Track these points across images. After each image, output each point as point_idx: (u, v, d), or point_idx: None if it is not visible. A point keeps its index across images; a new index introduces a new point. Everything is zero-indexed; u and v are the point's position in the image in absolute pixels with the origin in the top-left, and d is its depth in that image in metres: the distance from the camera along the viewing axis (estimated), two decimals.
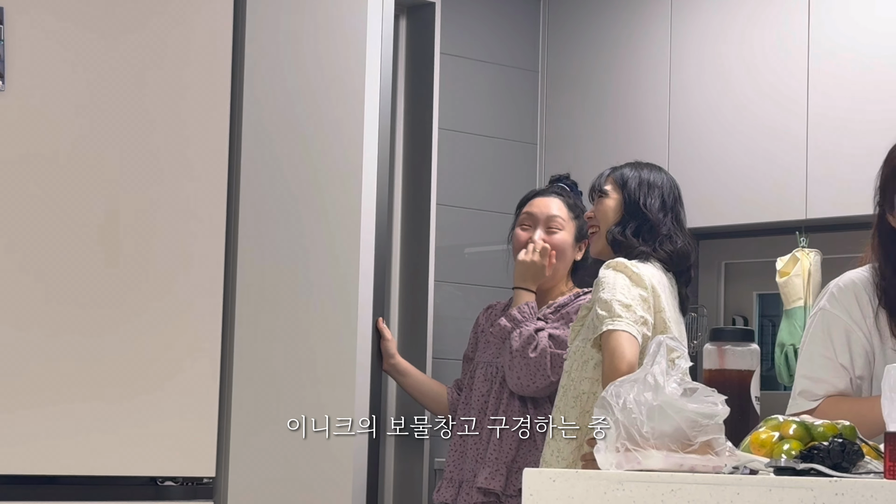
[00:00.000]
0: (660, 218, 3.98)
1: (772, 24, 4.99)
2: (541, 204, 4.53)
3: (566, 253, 4.50)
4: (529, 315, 4.41)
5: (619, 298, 3.71)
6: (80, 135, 3.74)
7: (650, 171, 4.07)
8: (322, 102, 4.11)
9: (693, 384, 2.51)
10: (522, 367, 4.32)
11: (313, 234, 4.08)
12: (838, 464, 2.32)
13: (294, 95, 4.07)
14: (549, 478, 2.50)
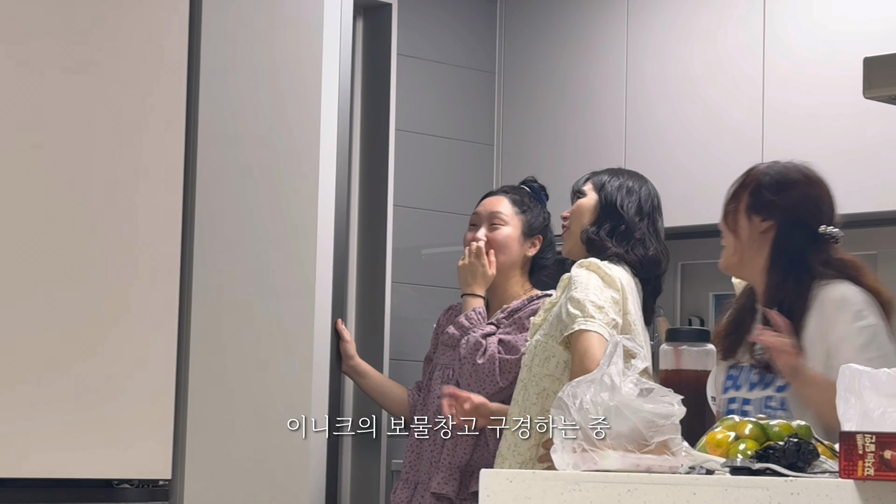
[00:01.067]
0: (635, 222, 3.98)
1: (727, 27, 5.00)
2: (486, 203, 4.54)
3: (510, 247, 4.48)
4: (477, 321, 4.40)
5: (592, 299, 3.72)
6: (34, 145, 3.72)
7: (630, 178, 4.09)
8: (279, 104, 4.10)
9: (649, 384, 2.51)
10: (472, 373, 4.32)
11: (270, 237, 4.07)
12: (794, 463, 2.32)
13: (251, 98, 4.06)
14: (505, 478, 2.50)
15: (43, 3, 3.74)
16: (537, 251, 4.50)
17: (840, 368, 2.37)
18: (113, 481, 3.86)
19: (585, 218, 4.02)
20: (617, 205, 4.00)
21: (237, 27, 4.04)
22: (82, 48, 3.79)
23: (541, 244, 4.49)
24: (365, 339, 5.05)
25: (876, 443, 2.13)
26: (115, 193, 3.81)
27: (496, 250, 4.47)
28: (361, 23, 5.20)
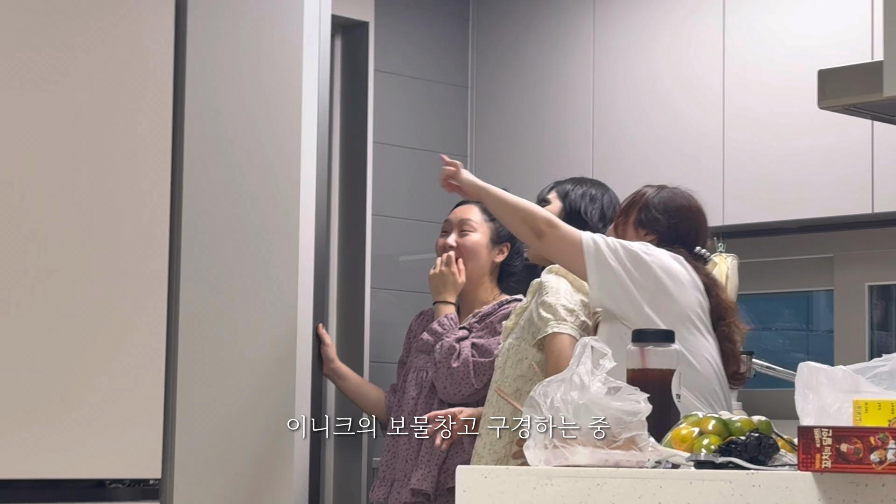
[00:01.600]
0: (598, 228, 4.00)
1: (689, 41, 5.01)
2: (457, 211, 4.56)
3: (478, 253, 4.49)
4: (450, 327, 4.41)
5: (563, 303, 3.73)
6: (27, 159, 3.71)
7: (592, 186, 4.13)
8: (261, 119, 4.10)
9: (616, 383, 2.52)
10: (447, 377, 4.32)
11: (255, 246, 4.07)
12: (755, 457, 2.33)
13: (234, 112, 4.06)
14: (480, 474, 2.50)
15: (29, 11, 3.73)
16: (505, 258, 4.51)
17: (798, 367, 2.38)
18: (104, 481, 3.85)
19: None
20: (581, 211, 4.03)
21: (221, 45, 4.04)
22: (67, 58, 3.78)
23: (509, 251, 4.50)
24: (346, 343, 5.04)
25: (832, 436, 2.14)
26: (105, 203, 3.81)
27: (465, 256, 4.48)
28: (340, 41, 5.20)
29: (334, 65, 5.15)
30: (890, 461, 2.09)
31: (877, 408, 2.17)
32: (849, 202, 4.58)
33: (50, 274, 3.71)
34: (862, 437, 2.11)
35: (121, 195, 3.83)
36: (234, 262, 4.02)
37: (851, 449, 2.12)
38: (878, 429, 2.11)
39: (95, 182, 3.80)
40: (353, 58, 5.17)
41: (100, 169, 3.81)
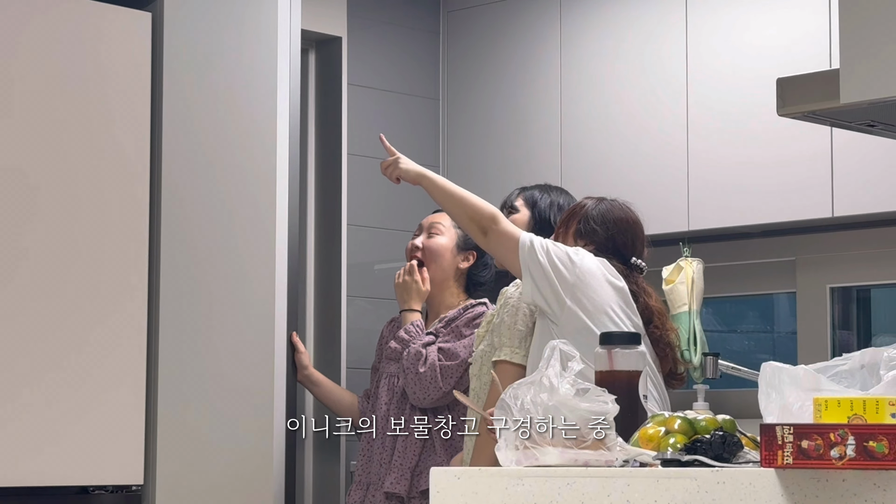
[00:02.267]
0: None
1: (653, 52, 5.02)
2: (430, 216, 4.58)
3: (443, 256, 4.49)
4: (416, 333, 4.41)
5: (519, 327, 3.74)
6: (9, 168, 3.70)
7: (559, 194, 4.15)
8: (237, 132, 4.09)
9: (585, 385, 2.52)
10: (415, 382, 4.32)
11: (232, 256, 4.06)
12: (720, 455, 2.34)
13: (211, 126, 4.05)
14: (454, 476, 2.50)
15: (9, 23, 3.72)
16: (471, 265, 4.51)
17: (762, 366, 2.38)
18: (88, 488, 3.83)
19: None
20: (550, 221, 4.05)
21: (197, 60, 4.03)
22: (44, 68, 3.77)
23: (475, 259, 4.51)
24: (323, 350, 5.04)
25: (794, 433, 2.14)
26: (84, 218, 3.79)
27: (429, 257, 4.48)
28: (314, 55, 5.20)
29: (309, 79, 5.15)
30: (849, 457, 2.09)
31: (836, 405, 2.17)
32: (809, 207, 4.60)
33: (31, 283, 3.69)
34: (822, 433, 2.12)
35: (101, 210, 3.82)
36: (212, 273, 4.01)
37: (812, 445, 2.12)
38: (837, 425, 2.12)
39: (74, 197, 3.79)
40: (327, 72, 5.17)
41: (76, 188, 3.80)
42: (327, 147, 5.14)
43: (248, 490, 4.01)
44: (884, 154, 4.41)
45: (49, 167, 3.75)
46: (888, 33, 2.87)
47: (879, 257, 4.72)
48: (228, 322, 4.02)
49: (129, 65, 3.89)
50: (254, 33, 4.15)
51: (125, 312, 3.83)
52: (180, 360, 3.92)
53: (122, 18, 3.90)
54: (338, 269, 5.05)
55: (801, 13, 4.67)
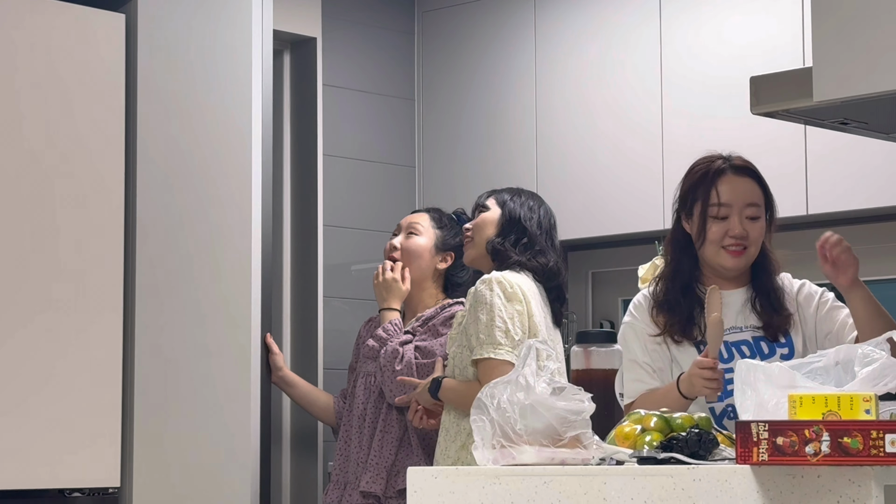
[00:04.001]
0: (536, 234, 4.05)
1: (627, 54, 5.03)
2: (408, 216, 4.60)
3: (421, 256, 4.50)
4: (394, 332, 4.41)
5: (497, 324, 3.77)
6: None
7: (529, 197, 4.18)
8: (211, 134, 4.09)
9: (561, 383, 2.52)
10: (392, 380, 4.33)
11: (208, 257, 4.06)
12: (695, 452, 2.34)
13: (185, 128, 4.05)
14: (431, 475, 2.50)
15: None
16: (449, 266, 4.52)
17: (737, 364, 2.39)
18: (64, 490, 3.82)
19: (489, 229, 4.10)
20: (521, 219, 4.08)
21: (171, 62, 4.03)
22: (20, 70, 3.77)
23: (452, 260, 4.52)
24: (300, 351, 5.03)
25: (769, 430, 2.15)
26: (59, 219, 3.79)
27: (407, 257, 4.49)
28: (289, 56, 5.19)
29: (284, 80, 5.15)
30: (824, 453, 2.10)
31: (811, 402, 2.18)
32: (784, 205, 4.60)
33: (7, 288, 3.68)
34: (797, 430, 2.13)
35: (75, 212, 3.81)
36: (188, 274, 4.01)
37: (787, 442, 2.13)
38: (812, 422, 2.13)
39: (48, 200, 3.78)
40: (302, 73, 5.16)
41: (50, 191, 3.79)
42: (303, 148, 5.14)
43: (224, 491, 4.01)
44: (858, 152, 4.43)
45: (23, 169, 3.74)
46: (860, 32, 2.88)
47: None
48: (204, 324, 4.02)
49: (103, 66, 3.88)
50: (227, 34, 4.14)
51: (101, 315, 3.82)
52: (156, 361, 3.92)
53: (96, 20, 3.89)
54: (314, 269, 5.05)
55: (775, 12, 4.69)
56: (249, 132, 4.17)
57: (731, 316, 3.39)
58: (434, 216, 4.56)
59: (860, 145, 4.24)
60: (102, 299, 3.82)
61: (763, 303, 3.43)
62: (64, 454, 3.72)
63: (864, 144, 4.10)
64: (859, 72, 2.88)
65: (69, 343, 3.76)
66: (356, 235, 5.27)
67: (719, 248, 3.40)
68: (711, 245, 3.40)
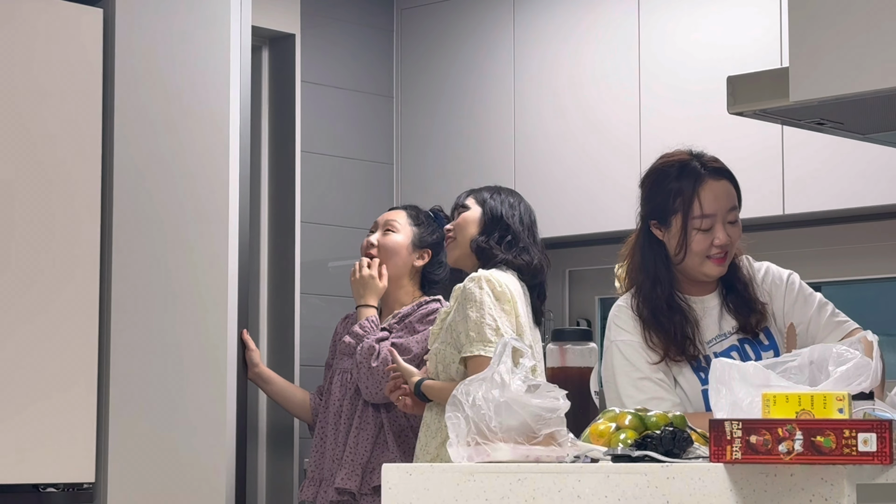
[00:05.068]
0: (519, 231, 4.06)
1: (606, 54, 5.04)
2: (386, 213, 4.59)
3: (398, 253, 4.50)
4: (370, 329, 4.41)
5: (488, 321, 3.78)
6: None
7: (509, 195, 4.18)
8: (189, 129, 4.09)
9: (536, 381, 2.52)
10: (368, 377, 4.33)
11: (185, 253, 4.05)
12: (670, 450, 2.34)
13: (163, 123, 4.04)
14: (405, 472, 2.50)
15: None
16: (426, 264, 4.52)
17: (712, 363, 2.39)
18: (39, 486, 3.81)
19: (472, 229, 4.09)
20: (502, 216, 4.08)
21: (149, 57, 4.02)
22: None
23: (430, 258, 4.52)
24: (277, 347, 5.03)
25: (742, 429, 2.16)
26: (36, 213, 3.78)
27: (385, 254, 4.48)
28: (267, 52, 5.19)
29: (262, 76, 5.14)
30: (797, 451, 2.11)
31: (784, 401, 2.19)
32: (760, 205, 4.62)
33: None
34: (770, 428, 2.13)
35: (51, 208, 3.80)
36: (165, 270, 4.00)
37: (760, 440, 2.13)
38: (785, 421, 2.13)
39: (24, 195, 3.77)
40: (281, 69, 5.16)
41: (26, 185, 3.77)
42: (281, 144, 5.13)
43: (200, 487, 4.00)
44: (834, 152, 4.44)
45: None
46: (837, 32, 2.89)
47: (829, 255, 4.76)
48: (180, 319, 4.01)
49: (81, 61, 3.87)
50: (206, 30, 4.14)
51: (77, 310, 3.81)
52: (132, 357, 3.91)
53: (74, 14, 3.88)
54: (291, 266, 5.05)
55: (753, 12, 4.70)
56: (227, 128, 4.17)
57: (713, 324, 3.31)
58: (411, 213, 4.55)
59: (837, 146, 4.25)
60: (78, 295, 3.81)
61: (735, 301, 3.34)
62: (38, 449, 3.71)
63: (841, 145, 4.11)
64: (836, 72, 2.89)
65: (45, 338, 3.75)
66: (334, 232, 5.26)
67: (704, 259, 3.28)
68: (696, 256, 3.27)
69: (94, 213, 3.86)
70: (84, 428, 3.79)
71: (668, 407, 3.11)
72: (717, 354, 3.21)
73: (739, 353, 3.27)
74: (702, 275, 3.31)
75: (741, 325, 3.33)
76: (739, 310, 3.33)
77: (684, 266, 3.31)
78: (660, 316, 3.26)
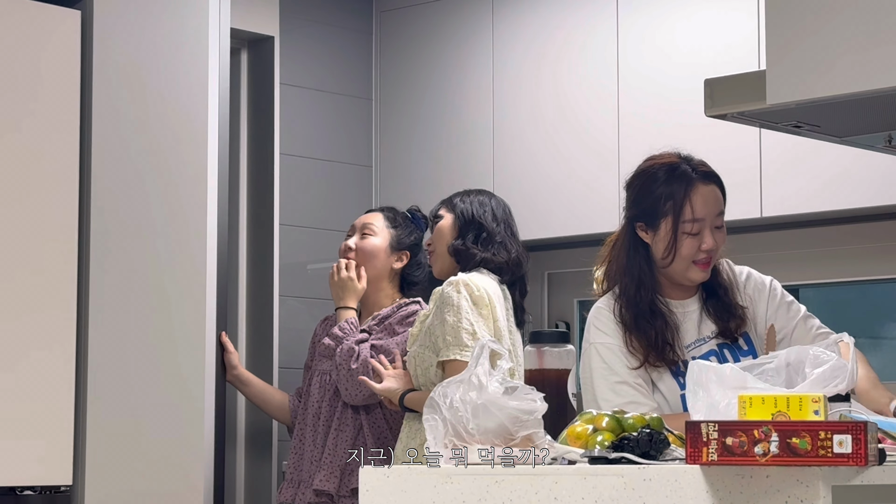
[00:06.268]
0: (493, 227, 4.06)
1: (584, 57, 5.05)
2: (362, 216, 4.59)
3: (376, 256, 4.49)
4: (350, 331, 4.41)
5: (465, 326, 3.79)
6: None
7: (479, 194, 4.19)
8: (167, 132, 4.08)
9: (514, 383, 2.53)
10: (347, 378, 4.33)
11: (163, 255, 4.04)
12: (647, 452, 2.35)
13: (141, 126, 4.03)
14: (383, 474, 2.50)
15: None
16: (405, 265, 4.52)
17: (689, 365, 2.40)
18: (16, 489, 3.80)
19: (447, 236, 4.11)
20: (474, 216, 4.08)
21: (127, 60, 4.01)
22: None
23: (408, 259, 4.52)
24: (255, 350, 5.03)
25: (718, 430, 2.16)
26: (13, 213, 3.77)
27: (363, 258, 4.48)
28: (246, 55, 5.18)
29: (240, 78, 5.14)
30: (773, 453, 2.12)
31: (760, 402, 2.20)
32: (738, 208, 4.63)
33: None
34: (746, 430, 2.14)
35: (29, 210, 3.79)
36: (142, 272, 4.00)
37: (736, 442, 2.14)
38: (761, 422, 2.14)
39: (1, 198, 3.76)
40: (259, 71, 5.16)
41: (3, 188, 3.77)
42: (259, 147, 5.13)
43: (178, 489, 4.00)
44: (812, 155, 4.46)
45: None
46: (814, 36, 2.91)
47: (807, 257, 4.77)
48: (158, 321, 4.01)
49: (58, 63, 3.86)
50: (184, 32, 4.13)
51: (54, 312, 3.80)
52: (110, 359, 3.90)
53: (51, 16, 3.87)
54: (270, 268, 5.04)
55: (731, 15, 4.71)
56: (206, 130, 4.16)
57: (693, 328, 3.31)
58: (388, 216, 4.55)
59: (814, 149, 4.27)
60: (55, 297, 3.81)
61: (715, 305, 3.33)
62: (16, 452, 3.70)
63: (818, 148, 4.13)
64: (812, 75, 2.90)
65: (22, 340, 3.74)
66: (312, 234, 5.26)
67: (690, 263, 3.27)
68: (683, 261, 3.26)
69: (72, 216, 3.85)
70: (61, 430, 3.78)
71: (645, 411, 3.07)
72: (695, 359, 3.19)
73: (718, 357, 3.27)
74: (686, 279, 3.31)
75: (721, 330, 3.32)
76: (719, 314, 3.33)
77: (670, 270, 3.30)
78: (641, 320, 3.25)
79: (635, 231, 3.34)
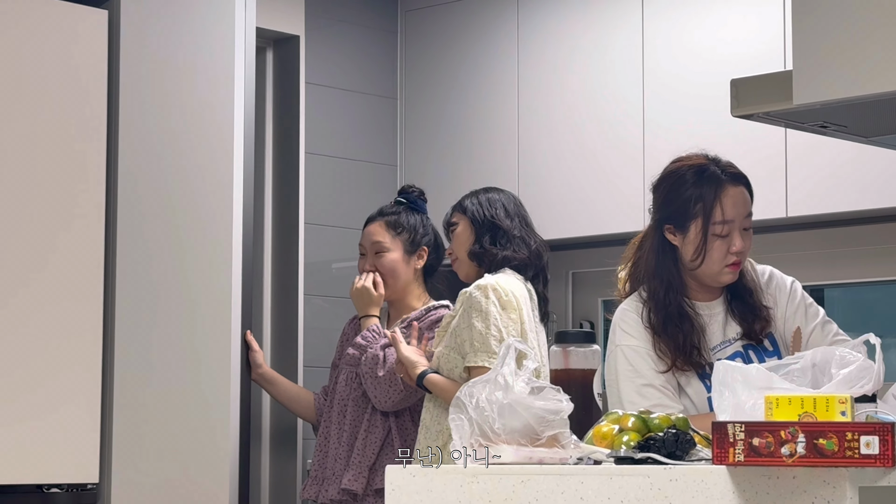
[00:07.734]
0: (508, 223, 4.05)
1: (609, 55, 5.04)
2: (366, 234, 4.53)
3: (397, 270, 4.47)
4: (373, 339, 4.40)
5: (493, 333, 3.79)
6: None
7: (487, 192, 4.18)
8: (193, 131, 4.09)
9: (540, 383, 2.53)
10: (375, 386, 4.32)
11: (189, 255, 4.06)
12: (672, 452, 2.35)
13: (167, 125, 4.04)
14: (409, 473, 2.51)
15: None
16: (426, 261, 4.51)
17: (715, 365, 2.40)
18: (43, 486, 3.82)
19: (466, 242, 4.11)
20: (487, 216, 4.07)
21: (154, 60, 4.02)
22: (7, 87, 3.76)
23: (427, 254, 4.50)
24: (280, 348, 5.03)
25: (745, 431, 2.16)
26: (40, 210, 3.78)
27: (386, 275, 4.47)
28: (271, 54, 5.20)
29: (266, 77, 5.15)
30: (800, 454, 2.12)
31: (787, 403, 2.19)
32: (764, 207, 4.62)
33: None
34: (773, 431, 2.14)
35: (56, 210, 3.81)
36: (169, 271, 4.01)
37: (763, 443, 2.14)
38: (788, 423, 2.14)
39: (29, 197, 3.78)
40: (285, 71, 5.17)
41: (31, 187, 3.78)
42: (285, 146, 5.14)
43: (203, 488, 4.01)
44: (837, 155, 4.45)
45: (2, 164, 3.73)
46: (840, 35, 2.90)
47: (833, 257, 4.76)
48: (184, 321, 4.02)
49: (86, 63, 3.88)
50: (210, 32, 4.14)
51: (81, 311, 3.82)
52: (136, 358, 3.91)
53: (79, 16, 3.89)
54: (295, 267, 5.05)
55: (756, 15, 4.71)
56: (231, 129, 4.17)
57: (718, 330, 3.31)
58: (389, 222, 4.50)
59: (840, 149, 4.26)
60: (82, 295, 3.82)
61: (740, 307, 3.33)
62: (42, 450, 3.72)
63: (845, 148, 4.12)
64: (839, 75, 2.89)
65: (49, 338, 3.76)
66: (337, 233, 5.27)
67: (721, 266, 3.26)
68: (714, 263, 3.26)
69: (99, 216, 3.87)
70: (88, 428, 3.80)
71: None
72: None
73: (743, 359, 3.26)
74: (716, 282, 3.30)
75: (746, 332, 3.32)
76: (744, 316, 3.32)
77: (699, 272, 3.30)
78: (669, 324, 3.24)
79: (663, 233, 3.33)
